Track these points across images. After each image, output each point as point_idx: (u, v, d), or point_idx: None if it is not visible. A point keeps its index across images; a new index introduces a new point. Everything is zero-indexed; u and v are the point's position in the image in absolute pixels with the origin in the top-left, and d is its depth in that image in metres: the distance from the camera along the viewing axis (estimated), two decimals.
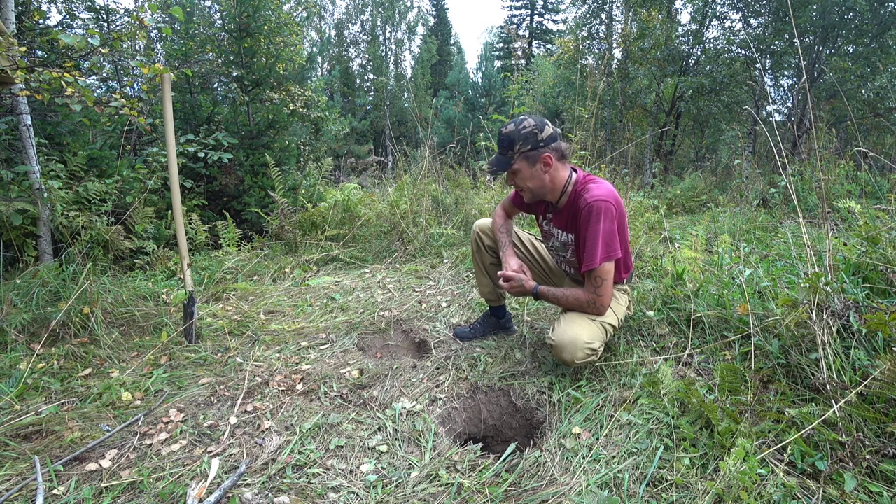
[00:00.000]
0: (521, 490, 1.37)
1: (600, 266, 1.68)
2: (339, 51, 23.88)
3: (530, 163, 1.72)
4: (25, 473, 1.43)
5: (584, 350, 1.70)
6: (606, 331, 1.82)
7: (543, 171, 1.73)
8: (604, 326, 1.80)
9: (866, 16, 7.56)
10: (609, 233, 1.67)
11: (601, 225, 1.66)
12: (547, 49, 25.00)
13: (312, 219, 4.13)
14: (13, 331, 2.21)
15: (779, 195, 4.62)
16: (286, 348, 2.28)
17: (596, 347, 1.73)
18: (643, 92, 11.19)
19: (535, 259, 2.19)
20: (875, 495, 1.21)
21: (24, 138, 2.77)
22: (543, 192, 1.80)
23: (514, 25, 26.72)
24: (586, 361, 1.75)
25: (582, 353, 1.70)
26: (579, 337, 1.70)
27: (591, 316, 1.79)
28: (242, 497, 1.34)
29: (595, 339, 1.73)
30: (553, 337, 1.74)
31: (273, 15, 4.93)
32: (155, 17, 3.35)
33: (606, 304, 1.75)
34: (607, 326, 1.82)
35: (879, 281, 1.88)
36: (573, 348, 1.69)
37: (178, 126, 4.47)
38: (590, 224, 1.67)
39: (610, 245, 1.68)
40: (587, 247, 1.69)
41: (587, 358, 1.73)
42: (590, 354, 1.73)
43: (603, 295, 1.72)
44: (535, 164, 1.72)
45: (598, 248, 1.66)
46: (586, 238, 1.69)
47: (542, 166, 1.73)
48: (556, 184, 1.78)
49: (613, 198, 1.70)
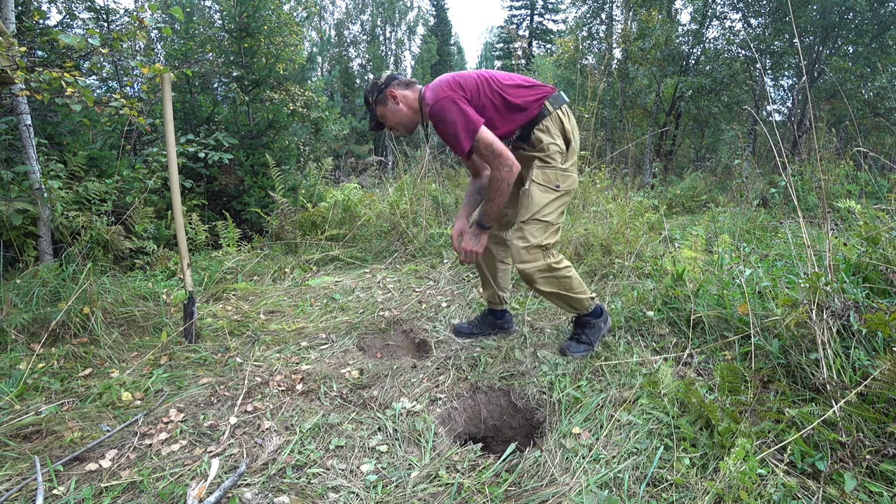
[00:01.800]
0: (521, 490, 1.37)
1: (474, 143, 1.78)
2: (339, 51, 23.88)
3: (384, 104, 1.92)
4: (25, 473, 1.43)
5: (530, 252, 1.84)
6: (546, 223, 1.87)
7: (397, 104, 1.91)
8: (541, 220, 1.86)
9: (866, 16, 7.56)
10: (457, 118, 1.76)
11: (447, 120, 1.77)
12: (547, 49, 24.98)
13: (312, 219, 4.13)
14: (13, 331, 2.21)
15: (779, 195, 4.62)
16: (286, 348, 2.28)
17: (539, 243, 1.84)
18: (643, 92, 11.19)
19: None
20: (875, 495, 1.21)
21: (24, 138, 2.77)
22: (411, 121, 1.95)
23: (514, 25, 26.71)
24: (541, 264, 1.86)
25: (529, 255, 1.84)
26: (517, 245, 1.85)
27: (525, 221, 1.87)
28: (242, 497, 1.34)
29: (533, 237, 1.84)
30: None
31: (273, 15, 4.93)
32: (155, 17, 3.35)
33: (507, 159, 1.77)
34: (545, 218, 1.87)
35: (879, 281, 1.88)
36: (517, 255, 1.85)
37: (178, 126, 4.47)
38: (439, 127, 1.81)
39: (466, 124, 1.76)
40: (453, 144, 1.81)
41: (537, 259, 1.85)
42: (537, 254, 1.85)
43: (496, 157, 1.77)
44: (387, 103, 1.91)
45: (460, 135, 1.76)
46: (446, 139, 1.82)
47: (392, 102, 1.90)
48: (413, 107, 1.93)
49: (446, 86, 1.81)
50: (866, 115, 8.07)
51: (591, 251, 3.14)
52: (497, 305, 2.29)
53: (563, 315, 2.50)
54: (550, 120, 1.87)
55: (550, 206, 1.87)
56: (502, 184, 1.79)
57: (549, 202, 1.86)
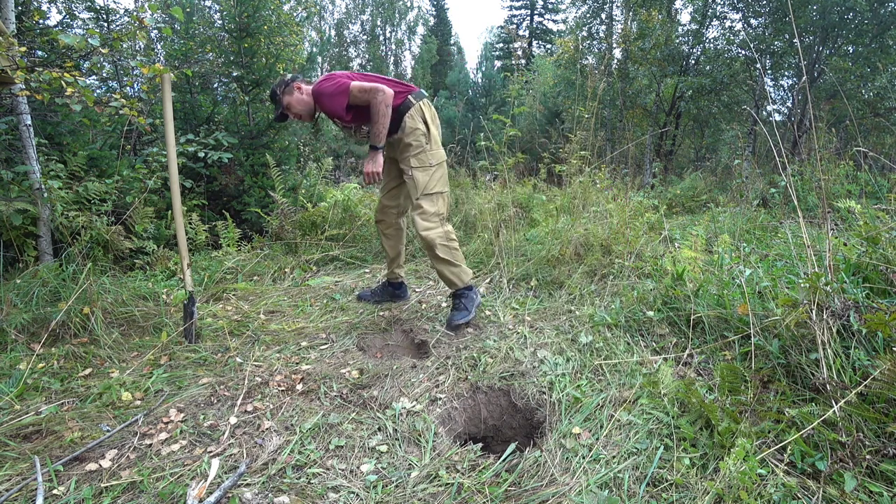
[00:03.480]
0: (521, 490, 1.37)
1: (349, 98, 2.20)
2: (339, 51, 23.88)
3: (290, 94, 2.32)
4: (25, 473, 1.43)
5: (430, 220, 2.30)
6: (435, 194, 2.33)
7: (301, 94, 2.31)
8: (430, 193, 2.32)
9: (866, 16, 7.55)
10: (327, 89, 2.20)
11: (324, 94, 2.22)
12: (547, 49, 24.97)
13: (312, 219, 4.13)
14: (13, 331, 2.21)
15: (779, 195, 4.62)
16: (286, 348, 2.28)
17: (436, 211, 2.32)
18: (643, 92, 11.18)
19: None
20: (875, 495, 1.21)
21: (24, 138, 2.77)
22: (311, 109, 2.33)
23: (514, 25, 26.70)
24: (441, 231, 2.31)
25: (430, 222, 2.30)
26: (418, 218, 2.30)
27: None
28: (242, 497, 1.34)
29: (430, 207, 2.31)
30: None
31: (273, 15, 4.92)
32: (155, 17, 3.35)
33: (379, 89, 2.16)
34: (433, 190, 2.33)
35: (879, 281, 1.88)
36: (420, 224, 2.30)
37: (178, 126, 4.47)
38: (324, 104, 2.25)
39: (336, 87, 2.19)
40: (334, 110, 2.23)
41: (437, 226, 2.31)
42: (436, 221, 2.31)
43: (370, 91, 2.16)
44: (293, 93, 2.31)
45: (335, 100, 2.20)
46: (330, 110, 2.25)
47: (297, 92, 2.31)
48: (309, 98, 2.32)
49: (323, 78, 2.27)
50: (866, 115, 8.07)
51: (591, 251, 3.14)
52: (396, 279, 2.80)
53: (563, 315, 2.50)
54: (415, 109, 2.31)
55: (432, 179, 2.33)
56: (381, 106, 2.16)
57: (430, 178, 2.32)
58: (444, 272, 2.38)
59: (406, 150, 2.32)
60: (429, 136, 2.34)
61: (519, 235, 3.79)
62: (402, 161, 2.36)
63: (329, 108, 2.24)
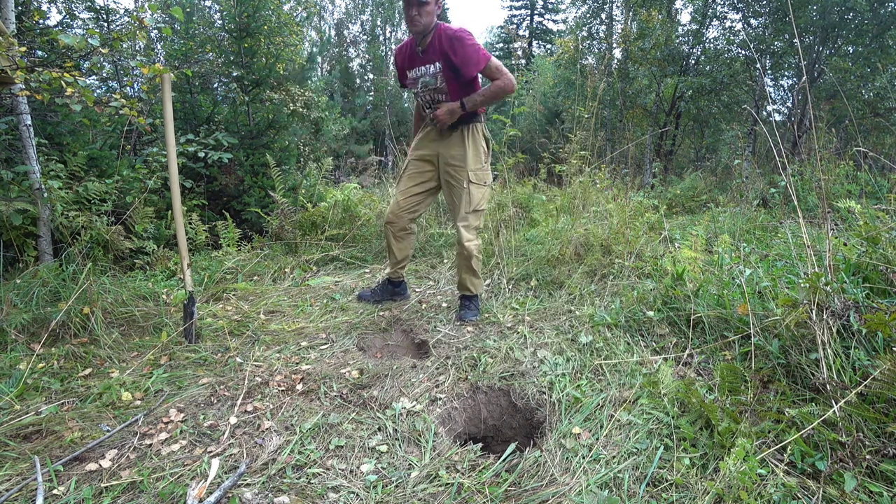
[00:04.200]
0: (521, 490, 1.37)
1: (487, 64, 2.26)
2: (339, 51, 23.86)
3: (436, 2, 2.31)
4: (25, 473, 1.43)
5: (471, 233, 2.45)
6: (481, 211, 2.49)
7: (437, 10, 2.33)
8: (478, 210, 2.47)
9: (866, 16, 7.55)
10: (479, 46, 2.25)
11: (468, 44, 2.23)
12: (547, 49, 24.97)
13: (312, 219, 4.13)
14: (13, 331, 2.21)
15: (779, 195, 4.62)
16: (286, 348, 2.28)
17: (478, 226, 2.50)
18: (643, 92, 11.18)
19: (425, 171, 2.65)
20: (875, 495, 1.21)
21: (24, 138, 2.77)
22: (428, 27, 2.31)
23: (514, 25, 26.68)
24: (478, 242, 2.50)
25: (472, 235, 2.45)
26: (464, 231, 2.44)
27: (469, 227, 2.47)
28: (242, 497, 1.34)
29: (475, 222, 2.48)
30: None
31: (273, 15, 4.92)
32: (155, 17, 3.35)
33: (510, 75, 2.29)
34: (480, 207, 2.48)
35: (879, 281, 1.88)
36: (465, 235, 2.44)
37: (178, 126, 4.47)
38: (459, 45, 2.24)
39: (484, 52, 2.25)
40: (470, 58, 2.24)
41: (476, 239, 2.48)
42: (476, 235, 2.48)
43: (503, 73, 2.29)
44: (437, 4, 2.31)
45: (480, 54, 2.24)
46: (466, 54, 2.24)
47: (437, 7, 2.32)
48: (432, 24, 2.32)
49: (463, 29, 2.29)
50: (866, 115, 8.07)
51: (591, 251, 3.14)
52: (398, 278, 2.82)
53: (563, 315, 2.50)
54: (484, 126, 2.48)
55: (483, 198, 2.48)
56: (501, 91, 2.28)
57: (483, 196, 2.47)
58: (468, 280, 2.55)
59: (464, 162, 2.41)
60: (488, 154, 2.50)
61: (519, 235, 3.79)
62: (455, 170, 2.43)
63: (464, 56, 2.23)
